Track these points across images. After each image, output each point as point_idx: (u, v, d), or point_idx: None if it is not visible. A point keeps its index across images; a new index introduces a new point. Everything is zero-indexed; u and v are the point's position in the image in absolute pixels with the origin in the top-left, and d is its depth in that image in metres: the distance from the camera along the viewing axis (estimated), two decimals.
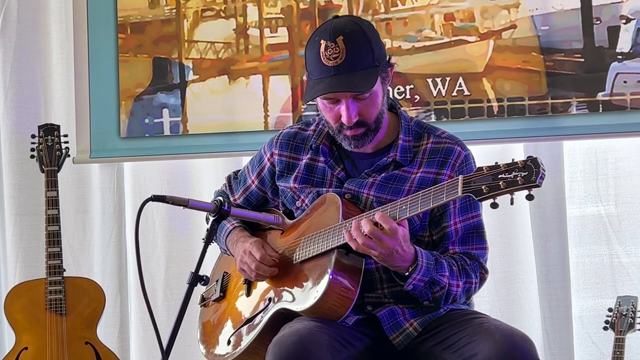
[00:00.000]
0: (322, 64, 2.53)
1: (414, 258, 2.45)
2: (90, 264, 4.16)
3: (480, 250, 2.63)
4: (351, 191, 2.63)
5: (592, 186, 3.67)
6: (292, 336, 2.39)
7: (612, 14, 3.54)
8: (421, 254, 2.47)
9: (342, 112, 2.56)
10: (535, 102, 3.61)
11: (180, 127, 3.98)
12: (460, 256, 2.59)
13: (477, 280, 2.59)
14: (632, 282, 3.60)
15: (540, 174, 2.20)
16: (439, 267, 2.50)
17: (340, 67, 2.51)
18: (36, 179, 4.00)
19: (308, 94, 2.58)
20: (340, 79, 2.51)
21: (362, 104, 2.56)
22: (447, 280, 2.50)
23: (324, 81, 2.53)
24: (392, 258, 2.42)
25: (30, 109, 4.18)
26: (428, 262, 2.47)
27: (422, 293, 2.50)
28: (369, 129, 2.60)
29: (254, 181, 2.85)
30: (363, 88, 2.52)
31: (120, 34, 4.05)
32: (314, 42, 2.57)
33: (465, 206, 2.60)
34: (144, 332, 4.03)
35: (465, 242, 2.61)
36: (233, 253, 2.77)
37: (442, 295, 2.52)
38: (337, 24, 2.56)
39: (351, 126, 2.57)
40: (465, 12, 3.69)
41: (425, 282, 2.47)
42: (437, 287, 2.50)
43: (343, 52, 2.51)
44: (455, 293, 2.54)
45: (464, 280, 2.55)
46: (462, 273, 2.55)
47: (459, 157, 2.63)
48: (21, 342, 3.74)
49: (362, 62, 2.53)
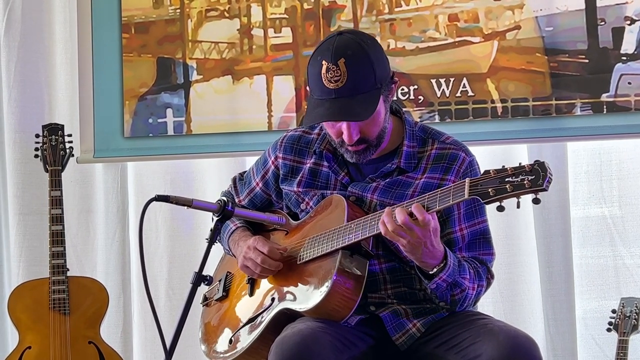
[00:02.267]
0: (323, 85, 2.51)
1: (443, 257, 2.44)
2: (94, 263, 4.16)
3: (487, 256, 2.62)
4: (355, 194, 2.63)
5: (596, 187, 3.66)
6: (295, 336, 2.39)
7: (617, 15, 3.54)
8: (450, 254, 2.45)
9: (343, 131, 2.56)
10: (540, 103, 3.61)
11: (184, 127, 3.99)
12: (471, 259, 2.58)
13: (485, 283, 2.59)
14: (636, 283, 3.60)
15: (548, 178, 2.20)
16: (462, 270, 2.49)
17: (340, 90, 2.49)
18: (40, 179, 4.01)
19: (308, 117, 2.57)
20: (341, 104, 2.50)
21: (364, 124, 2.55)
22: (468, 283, 2.50)
23: (324, 104, 2.52)
24: (420, 251, 2.40)
25: (34, 108, 4.19)
26: (454, 263, 2.47)
27: (443, 294, 2.50)
28: (371, 145, 2.60)
29: (258, 183, 2.85)
30: (363, 117, 2.51)
31: (124, 33, 4.05)
32: (315, 60, 2.54)
33: (470, 212, 2.59)
34: (146, 331, 4.03)
35: (472, 248, 2.61)
36: (235, 252, 2.77)
37: (460, 298, 2.51)
38: (339, 44, 2.52)
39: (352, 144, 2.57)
40: (469, 12, 3.69)
41: (449, 283, 2.47)
42: (458, 289, 2.49)
43: (344, 75, 2.49)
44: (471, 297, 2.53)
45: (477, 284, 2.55)
46: (476, 276, 2.55)
47: (463, 163, 2.62)
48: (24, 342, 3.74)
49: (364, 85, 2.51)
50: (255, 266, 2.66)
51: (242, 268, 2.71)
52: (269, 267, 2.64)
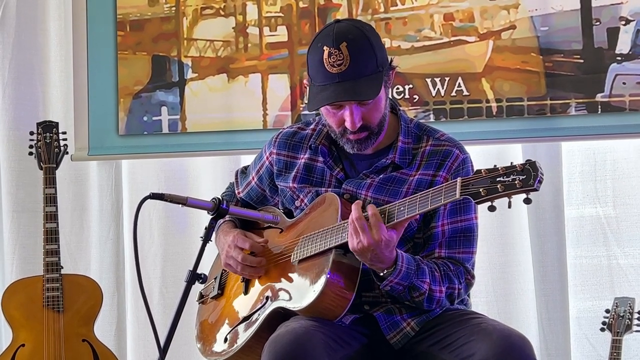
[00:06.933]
0: (325, 70, 2.52)
1: (393, 261, 2.45)
2: (88, 261, 4.15)
3: (466, 255, 2.61)
4: (349, 192, 2.63)
5: (590, 187, 3.67)
6: (288, 335, 2.39)
7: (612, 15, 3.54)
8: (401, 258, 2.46)
9: (345, 118, 2.56)
10: (534, 103, 3.61)
11: (178, 125, 3.98)
12: (443, 262, 2.57)
13: (462, 286, 2.58)
14: (630, 283, 3.60)
15: (539, 178, 2.20)
16: (420, 273, 2.49)
17: (344, 74, 2.51)
18: (34, 176, 4.00)
19: (313, 102, 2.57)
20: (345, 86, 2.51)
21: (366, 109, 2.56)
22: (428, 286, 2.50)
23: (328, 88, 2.52)
24: (366, 256, 2.41)
25: (29, 105, 4.18)
26: (409, 266, 2.47)
27: (401, 295, 2.51)
28: (372, 132, 2.60)
29: (254, 178, 2.87)
30: (369, 96, 2.52)
31: (119, 31, 4.05)
32: (316, 47, 2.55)
33: (455, 209, 2.59)
34: (140, 329, 4.03)
35: (452, 246, 2.60)
36: (218, 248, 2.78)
37: (422, 300, 2.51)
38: (339, 30, 2.54)
39: (354, 131, 2.57)
40: (464, 12, 3.69)
41: (405, 286, 2.47)
42: (417, 292, 2.49)
43: (347, 58, 2.51)
44: (439, 298, 2.53)
45: (447, 286, 2.54)
46: (445, 279, 2.54)
47: (456, 160, 2.63)
48: (18, 339, 3.74)
49: (366, 68, 2.52)
50: (236, 264, 2.68)
51: (225, 266, 2.74)
52: (249, 264, 2.65)
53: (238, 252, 2.67)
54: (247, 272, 2.70)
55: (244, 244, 2.68)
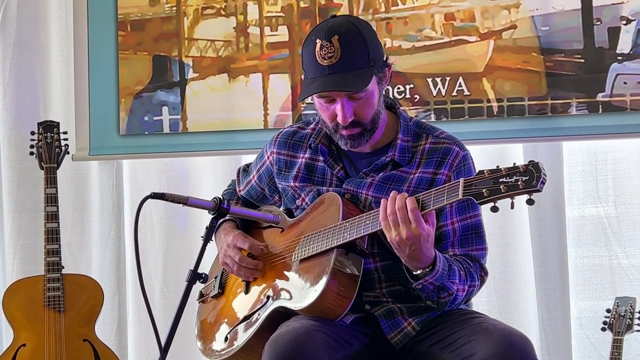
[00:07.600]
0: (317, 62, 2.53)
1: (432, 262, 2.43)
2: (89, 261, 4.16)
3: (480, 252, 2.62)
4: (350, 191, 2.64)
5: (591, 187, 3.67)
6: (289, 335, 2.39)
7: (613, 15, 3.54)
8: (439, 260, 2.44)
9: (337, 112, 2.56)
10: (535, 103, 3.61)
11: (179, 125, 3.98)
12: (463, 259, 2.58)
13: (478, 282, 2.59)
14: (631, 283, 3.60)
15: (542, 179, 2.20)
16: (452, 274, 2.49)
17: (334, 66, 2.52)
18: (35, 176, 4.00)
19: (303, 93, 2.59)
20: (335, 78, 2.52)
21: (358, 104, 2.56)
22: (456, 287, 2.50)
23: (318, 80, 2.54)
24: (405, 250, 2.39)
25: (30, 105, 4.18)
26: (444, 268, 2.46)
27: (430, 295, 2.49)
28: (365, 129, 2.60)
29: (254, 176, 2.88)
30: (357, 87, 2.52)
31: (120, 31, 4.05)
32: (310, 41, 2.57)
33: (462, 206, 2.59)
34: (141, 329, 4.03)
35: (465, 244, 2.60)
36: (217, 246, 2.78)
37: (448, 300, 2.51)
38: (333, 24, 2.56)
39: (347, 126, 2.57)
40: (465, 12, 3.69)
41: (436, 287, 2.46)
42: (446, 293, 2.49)
43: (338, 51, 2.52)
44: (460, 297, 2.53)
45: (469, 284, 2.55)
46: (468, 277, 2.55)
47: (456, 157, 2.63)
48: (19, 339, 3.74)
49: (357, 61, 2.53)
50: (233, 264, 2.69)
51: (222, 264, 2.75)
52: (246, 266, 2.66)
53: (236, 252, 2.68)
54: (243, 272, 2.70)
55: (243, 244, 2.68)
